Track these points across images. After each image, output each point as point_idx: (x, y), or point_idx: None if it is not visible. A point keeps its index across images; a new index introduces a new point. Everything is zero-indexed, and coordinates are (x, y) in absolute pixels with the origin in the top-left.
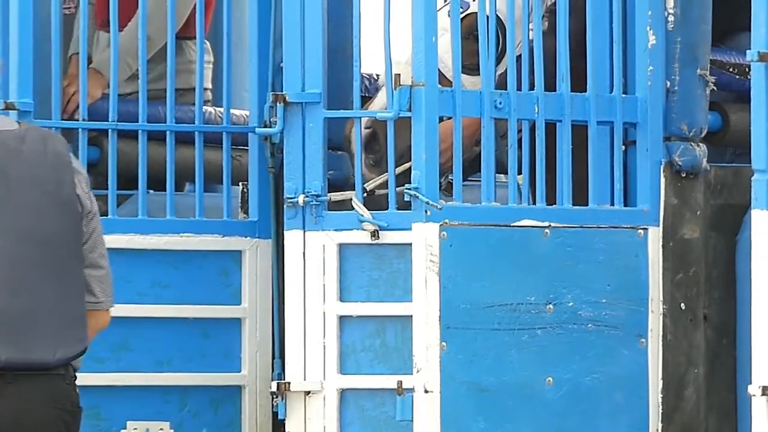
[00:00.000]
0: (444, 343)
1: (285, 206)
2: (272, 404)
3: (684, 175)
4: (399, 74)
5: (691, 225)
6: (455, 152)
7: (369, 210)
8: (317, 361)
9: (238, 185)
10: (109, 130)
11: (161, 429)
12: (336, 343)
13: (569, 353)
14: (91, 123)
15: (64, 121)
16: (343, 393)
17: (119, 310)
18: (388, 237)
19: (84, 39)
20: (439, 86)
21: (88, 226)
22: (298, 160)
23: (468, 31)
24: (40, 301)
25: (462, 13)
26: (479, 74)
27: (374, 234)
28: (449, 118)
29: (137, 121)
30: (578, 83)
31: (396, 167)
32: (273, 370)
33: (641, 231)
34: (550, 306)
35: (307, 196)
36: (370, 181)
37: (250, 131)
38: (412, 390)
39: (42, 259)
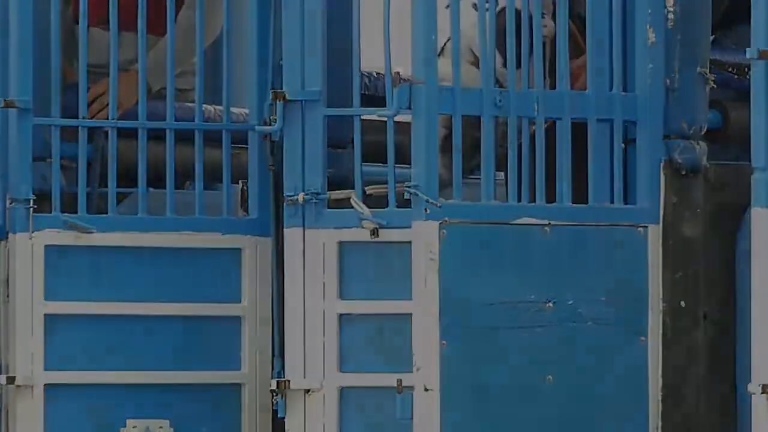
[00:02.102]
0: (444, 342)
1: (285, 204)
2: (272, 402)
3: (684, 173)
4: (398, 72)
5: (691, 223)
6: (455, 150)
7: (369, 208)
8: (317, 360)
9: (238, 183)
10: (109, 128)
11: (161, 427)
12: (336, 341)
13: (569, 351)
14: (91, 121)
15: (62, 119)
16: (343, 391)
17: (119, 308)
18: (387, 235)
19: (84, 39)
20: (473, 68)
21: None
22: (298, 158)
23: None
24: None
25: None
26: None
27: (374, 232)
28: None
29: (136, 119)
30: None
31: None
32: (273, 369)
33: (641, 229)
34: (550, 304)
35: (306, 194)
36: (371, 186)
37: (249, 129)
38: (411, 388)
39: None
